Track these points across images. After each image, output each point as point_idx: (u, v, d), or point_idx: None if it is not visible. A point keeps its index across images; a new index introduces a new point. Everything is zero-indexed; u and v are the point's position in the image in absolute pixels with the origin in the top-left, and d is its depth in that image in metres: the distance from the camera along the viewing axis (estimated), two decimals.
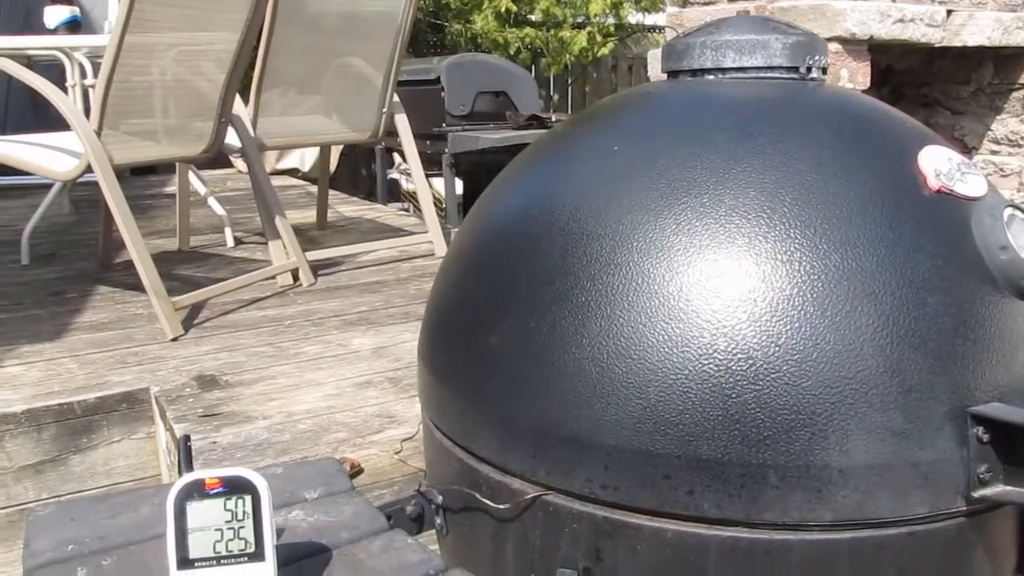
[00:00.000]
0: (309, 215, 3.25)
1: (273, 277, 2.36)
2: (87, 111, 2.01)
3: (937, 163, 0.84)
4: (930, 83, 1.84)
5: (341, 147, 4.16)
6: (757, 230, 0.77)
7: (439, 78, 3.77)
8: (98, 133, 1.95)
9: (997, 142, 1.78)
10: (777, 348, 0.73)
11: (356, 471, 0.94)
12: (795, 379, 0.72)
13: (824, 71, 0.95)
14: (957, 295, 0.78)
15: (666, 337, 0.75)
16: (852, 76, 1.46)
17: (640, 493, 0.76)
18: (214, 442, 1.56)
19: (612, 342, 0.77)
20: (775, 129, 0.84)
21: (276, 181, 4.15)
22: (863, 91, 1.49)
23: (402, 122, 2.62)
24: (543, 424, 0.80)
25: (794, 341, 0.73)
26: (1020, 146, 1.75)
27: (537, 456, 0.81)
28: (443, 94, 3.74)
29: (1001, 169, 1.79)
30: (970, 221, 0.81)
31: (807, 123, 0.85)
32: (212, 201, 2.89)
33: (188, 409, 1.69)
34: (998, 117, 1.75)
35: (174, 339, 2.01)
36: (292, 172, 4.20)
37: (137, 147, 2.12)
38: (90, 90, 2.51)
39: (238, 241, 2.85)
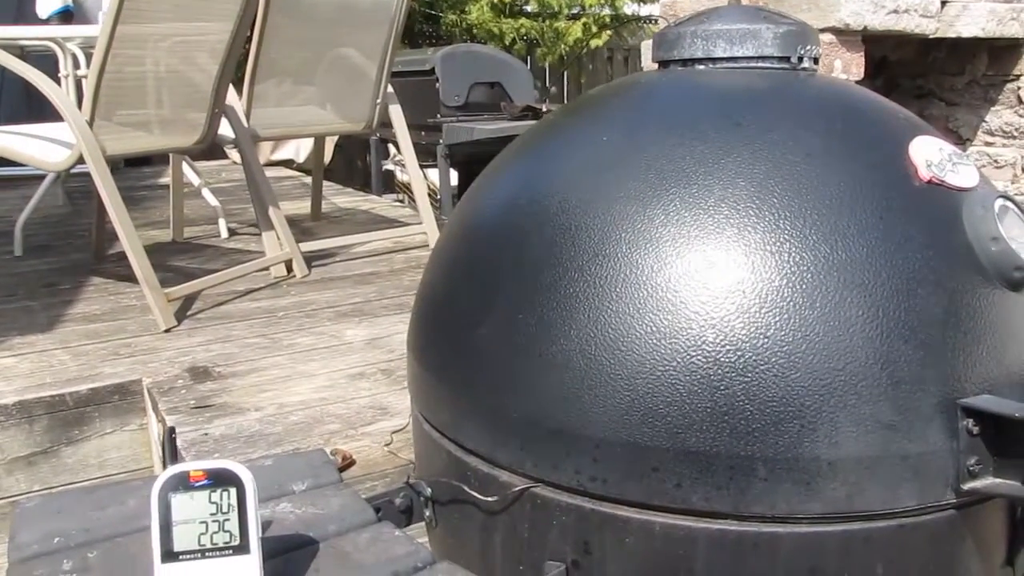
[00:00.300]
0: (304, 206, 3.24)
1: (267, 268, 2.36)
2: (81, 102, 2.00)
3: (928, 154, 0.83)
4: (924, 74, 1.83)
5: (336, 138, 4.14)
6: (746, 221, 0.76)
7: (434, 69, 3.76)
8: (90, 124, 1.94)
9: (991, 133, 1.77)
10: (766, 340, 0.73)
11: (348, 463, 0.94)
12: (784, 371, 0.72)
13: (816, 61, 0.95)
14: (948, 286, 0.77)
15: (654, 328, 0.74)
16: (846, 67, 1.45)
17: (628, 486, 0.76)
18: (206, 434, 1.56)
19: (600, 333, 0.76)
20: (765, 119, 0.83)
21: (271, 172, 4.13)
22: (857, 82, 1.48)
23: (396, 113, 2.61)
24: (531, 416, 0.80)
25: (783, 332, 0.73)
26: (1014, 137, 1.74)
27: (525, 448, 0.81)
28: (438, 85, 3.73)
29: (995, 161, 1.78)
30: (961, 212, 0.81)
31: (797, 113, 0.85)
32: (206, 192, 2.88)
33: (180, 400, 1.69)
34: (992, 108, 1.75)
35: (167, 330, 2.00)
36: (287, 163, 4.19)
37: (130, 138, 2.11)
38: (83, 80, 2.50)
39: (232, 232, 2.84)
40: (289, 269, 2.40)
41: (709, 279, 0.75)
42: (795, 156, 0.80)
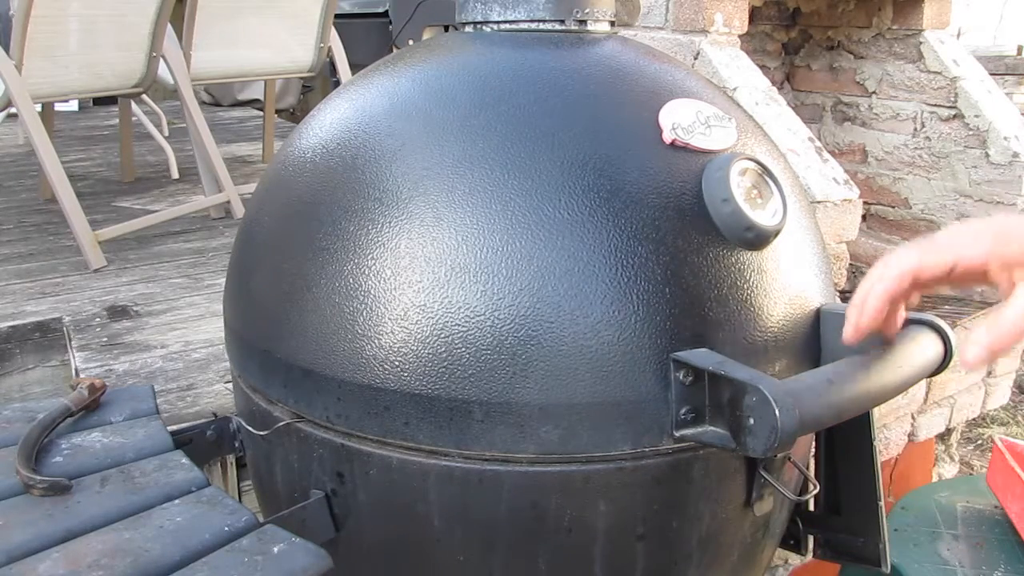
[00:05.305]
0: (260, 147, 3.28)
1: (205, 210, 2.42)
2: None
3: (678, 116, 0.86)
4: (836, 26, 1.82)
5: (302, 81, 4.16)
6: (478, 179, 0.80)
7: (387, 11, 3.74)
8: (18, 68, 1.99)
9: (895, 87, 1.77)
10: (482, 293, 0.78)
11: (100, 391, 1.03)
12: (496, 321, 0.77)
13: (609, 23, 0.97)
14: (672, 245, 0.81)
15: (383, 280, 0.80)
16: (728, 20, 1.45)
17: (366, 423, 0.82)
18: (110, 369, 1.65)
19: (344, 285, 0.82)
20: (518, 82, 0.86)
21: (237, 113, 4.18)
22: (739, 35, 1.49)
23: (340, 56, 2.63)
24: (290, 358, 0.86)
25: (498, 286, 0.77)
26: (915, 91, 1.73)
27: (287, 387, 0.87)
28: (391, 27, 3.71)
29: (898, 114, 1.78)
30: (702, 174, 0.84)
31: (554, 77, 0.88)
32: (155, 132, 2.93)
33: (94, 338, 1.77)
34: (896, 62, 1.74)
35: (96, 270, 2.08)
36: (254, 103, 4.22)
37: (62, 81, 2.16)
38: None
39: (184, 173, 2.89)
40: (228, 211, 2.46)
41: (436, 235, 0.79)
42: (539, 118, 0.84)
